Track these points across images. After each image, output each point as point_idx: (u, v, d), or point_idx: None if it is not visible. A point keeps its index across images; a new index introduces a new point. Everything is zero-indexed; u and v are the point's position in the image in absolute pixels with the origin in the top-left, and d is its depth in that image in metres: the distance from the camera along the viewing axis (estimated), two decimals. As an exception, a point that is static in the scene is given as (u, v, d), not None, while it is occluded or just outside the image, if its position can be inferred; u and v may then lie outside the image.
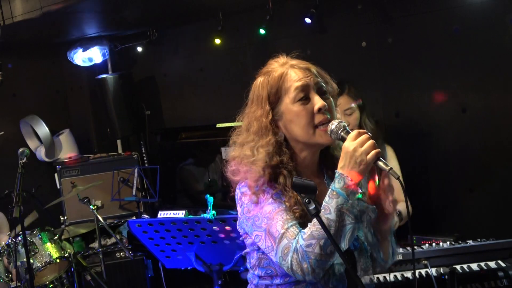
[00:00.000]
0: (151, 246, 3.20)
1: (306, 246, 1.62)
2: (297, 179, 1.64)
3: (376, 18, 4.14)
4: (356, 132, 1.70)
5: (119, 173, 5.18)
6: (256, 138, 1.81)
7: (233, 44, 4.96)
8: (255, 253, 1.84)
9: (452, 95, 3.81)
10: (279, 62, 1.89)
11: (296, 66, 1.86)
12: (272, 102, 1.82)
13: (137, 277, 4.68)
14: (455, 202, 3.92)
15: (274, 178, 1.77)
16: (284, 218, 1.70)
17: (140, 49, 5.64)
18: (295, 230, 1.68)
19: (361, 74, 4.27)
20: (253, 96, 1.87)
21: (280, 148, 1.80)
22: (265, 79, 1.85)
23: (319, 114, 1.77)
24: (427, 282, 2.53)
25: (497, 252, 2.61)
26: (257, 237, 1.75)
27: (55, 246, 4.05)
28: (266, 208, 1.73)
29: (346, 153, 1.67)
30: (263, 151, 1.78)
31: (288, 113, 1.79)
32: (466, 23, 3.64)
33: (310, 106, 1.78)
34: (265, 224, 1.71)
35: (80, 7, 4.05)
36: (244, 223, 1.81)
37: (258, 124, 1.81)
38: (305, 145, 1.83)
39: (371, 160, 1.65)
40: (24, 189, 3.45)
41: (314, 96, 1.80)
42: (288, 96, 1.80)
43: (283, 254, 1.66)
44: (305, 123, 1.77)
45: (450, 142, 3.88)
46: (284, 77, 1.82)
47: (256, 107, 1.84)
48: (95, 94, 5.79)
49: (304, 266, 1.62)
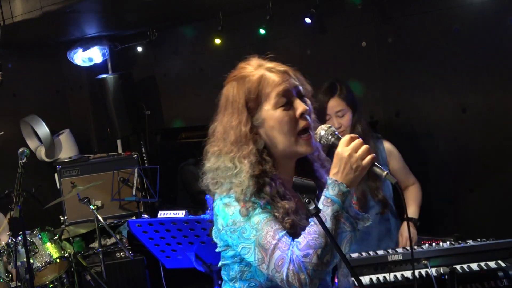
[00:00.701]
0: (151, 246, 3.20)
1: (303, 257, 1.57)
2: (297, 179, 1.62)
3: (376, 18, 4.14)
4: (349, 137, 1.65)
5: (119, 173, 5.19)
6: (235, 149, 1.72)
7: (233, 44, 4.96)
8: (236, 265, 1.76)
9: (452, 95, 3.81)
10: (252, 65, 1.80)
11: (273, 69, 1.77)
12: (251, 109, 1.73)
13: (137, 277, 4.68)
14: (455, 202, 3.92)
15: (260, 188, 1.69)
16: (274, 228, 1.63)
17: (140, 49, 5.65)
18: (287, 240, 1.62)
19: (361, 74, 4.27)
20: (227, 103, 1.78)
21: (261, 157, 1.72)
22: (241, 84, 1.75)
23: (302, 120, 1.73)
24: (427, 282, 2.52)
25: (497, 252, 2.60)
26: (244, 250, 1.67)
27: (55, 246, 4.05)
28: (254, 219, 1.65)
29: (340, 159, 1.62)
30: (246, 162, 1.69)
31: (270, 119, 1.72)
32: (466, 23, 3.64)
33: (292, 111, 1.73)
34: (254, 236, 1.64)
35: (80, 7, 4.05)
36: (228, 235, 1.71)
37: (236, 133, 1.72)
38: (285, 153, 1.76)
39: (367, 165, 1.61)
40: (24, 189, 3.45)
41: (295, 101, 1.74)
42: (269, 102, 1.72)
43: (277, 266, 1.59)
44: (288, 129, 1.72)
45: (450, 142, 3.88)
46: (263, 82, 1.73)
47: (231, 115, 1.75)
48: (95, 94, 5.80)
49: (302, 277, 1.56)
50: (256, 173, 1.68)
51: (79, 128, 6.04)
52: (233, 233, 1.68)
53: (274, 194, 1.69)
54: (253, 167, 1.69)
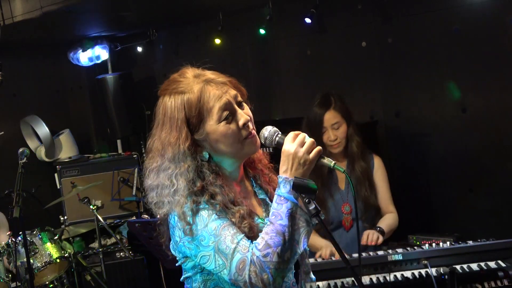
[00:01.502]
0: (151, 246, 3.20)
1: (263, 256, 1.56)
2: (297, 179, 1.62)
3: (376, 18, 4.14)
4: (293, 134, 1.67)
5: (119, 173, 5.19)
6: (173, 166, 1.68)
7: (233, 44, 4.96)
8: (198, 275, 1.72)
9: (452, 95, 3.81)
10: (188, 77, 1.76)
11: (211, 81, 1.73)
12: (193, 124, 1.70)
13: (137, 277, 4.68)
14: (455, 202, 3.92)
15: (211, 197, 1.66)
16: (232, 232, 1.61)
17: (140, 49, 5.64)
18: (246, 242, 1.60)
19: (361, 74, 4.27)
20: (164, 118, 1.72)
21: (201, 171, 1.69)
22: (180, 99, 1.71)
23: (244, 130, 1.71)
24: (427, 282, 2.53)
25: (497, 252, 2.61)
26: (204, 258, 1.64)
27: (55, 246, 4.05)
28: (211, 225, 1.62)
29: (287, 156, 1.64)
30: (183, 179, 1.66)
31: (213, 133, 1.70)
32: (466, 23, 3.64)
33: (234, 123, 1.71)
34: (212, 242, 1.61)
35: (80, 7, 4.05)
36: (186, 246, 1.67)
37: (174, 150, 1.68)
38: (234, 160, 1.76)
39: (314, 158, 1.64)
40: (24, 189, 3.45)
41: (236, 111, 1.72)
42: (211, 118, 1.69)
43: (238, 269, 1.58)
44: (232, 141, 1.70)
45: (450, 142, 3.88)
46: (204, 97, 1.70)
47: (170, 131, 1.70)
48: (95, 94, 5.80)
49: (265, 277, 1.55)
50: (196, 189, 1.66)
51: (79, 128, 6.04)
52: (191, 243, 1.65)
53: (226, 201, 1.67)
54: (192, 183, 1.67)
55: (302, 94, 4.62)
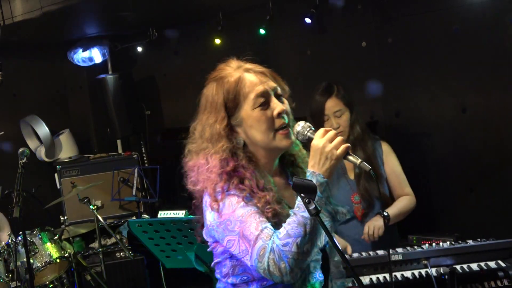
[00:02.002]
0: (151, 246, 3.20)
1: (282, 246, 1.60)
2: (297, 179, 1.64)
3: (376, 18, 4.14)
4: (323, 130, 1.72)
5: (119, 173, 5.19)
6: (209, 145, 1.79)
7: (233, 44, 4.96)
8: (227, 261, 1.80)
9: (452, 95, 3.81)
10: (232, 66, 1.87)
11: (251, 70, 1.84)
12: (230, 108, 1.80)
13: (137, 277, 4.68)
14: (455, 202, 3.92)
15: (240, 181, 1.74)
16: (258, 220, 1.67)
17: (140, 49, 5.64)
18: (270, 231, 1.66)
19: (361, 74, 4.27)
20: (206, 103, 1.84)
21: (235, 153, 1.78)
22: (220, 85, 1.82)
23: (279, 119, 1.78)
24: (427, 282, 2.53)
25: (497, 252, 2.61)
26: (230, 242, 1.71)
27: (55, 246, 4.05)
28: (238, 211, 1.69)
29: (315, 150, 1.69)
30: (216, 157, 1.76)
31: (248, 118, 1.79)
32: (466, 23, 3.64)
33: (270, 111, 1.78)
34: (238, 228, 1.68)
35: (80, 7, 4.05)
36: (215, 229, 1.76)
37: (211, 131, 1.79)
38: (265, 150, 1.82)
39: (341, 155, 1.68)
40: (24, 189, 3.45)
41: (273, 101, 1.80)
42: (247, 102, 1.78)
43: (259, 256, 1.63)
44: (265, 128, 1.77)
45: (450, 142, 3.88)
46: (242, 82, 1.80)
47: (209, 114, 1.82)
48: (95, 94, 5.79)
49: (282, 266, 1.60)
50: (227, 169, 1.74)
51: (79, 128, 6.03)
52: (219, 227, 1.73)
53: (254, 186, 1.73)
54: (225, 162, 1.75)
55: (302, 94, 4.60)
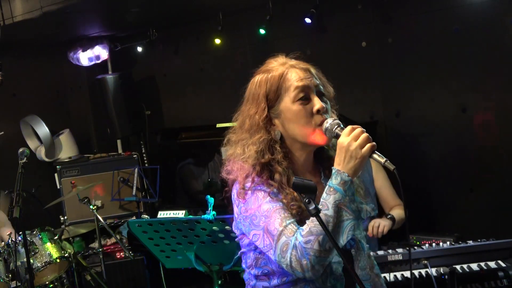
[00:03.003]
0: (151, 246, 3.20)
1: (305, 243, 1.61)
2: (297, 179, 1.64)
3: (376, 18, 4.14)
4: (350, 127, 1.70)
5: (119, 173, 5.19)
6: (248, 136, 1.80)
7: (233, 44, 4.96)
8: (251, 253, 1.82)
9: (452, 95, 3.81)
10: (278, 61, 1.87)
11: (296, 66, 1.85)
12: (271, 100, 1.80)
13: (137, 277, 4.68)
14: (455, 202, 3.92)
15: (270, 176, 1.75)
16: (282, 216, 1.68)
17: (140, 49, 5.65)
18: (293, 227, 1.67)
19: (361, 74, 4.27)
20: (249, 94, 1.86)
21: (272, 146, 1.78)
22: (264, 77, 1.83)
23: (318, 115, 1.77)
24: (427, 282, 2.53)
25: (497, 252, 2.61)
26: (255, 236, 1.73)
27: (55, 246, 4.05)
28: (264, 206, 1.71)
29: (341, 148, 1.68)
30: (253, 148, 1.77)
31: (287, 111, 1.78)
32: (466, 23, 3.64)
33: (310, 106, 1.78)
34: (263, 223, 1.70)
35: (80, 7, 4.05)
36: (242, 223, 1.79)
37: (250, 122, 1.80)
38: (302, 145, 1.82)
39: (367, 154, 1.66)
40: (24, 189, 3.45)
41: (313, 97, 1.79)
42: (288, 95, 1.78)
43: (282, 252, 1.65)
44: (304, 122, 1.77)
45: (450, 142, 3.88)
46: (285, 76, 1.80)
47: (251, 105, 1.83)
48: (95, 94, 5.79)
49: (304, 262, 1.61)
50: (262, 161, 1.75)
51: (79, 128, 6.03)
52: (245, 220, 1.76)
53: (284, 182, 1.74)
54: (261, 154, 1.76)
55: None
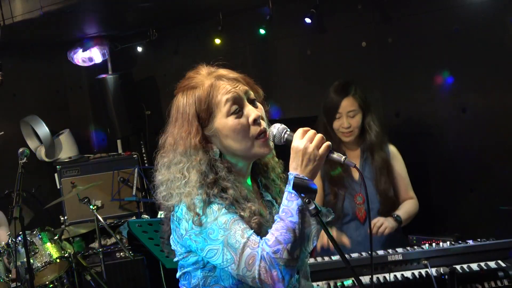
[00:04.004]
0: (151, 246, 3.20)
1: (273, 253, 1.55)
2: (297, 179, 1.62)
3: (376, 18, 4.14)
4: (302, 130, 1.67)
5: (119, 173, 5.19)
6: (184, 159, 1.69)
7: (233, 44, 4.96)
8: (198, 271, 1.71)
9: (452, 95, 3.81)
10: (201, 73, 1.78)
11: (223, 77, 1.75)
12: (203, 119, 1.71)
13: (137, 277, 4.68)
14: (455, 202, 3.92)
15: (222, 190, 1.67)
16: (242, 227, 1.61)
17: (140, 49, 5.65)
18: (256, 238, 1.60)
19: (361, 74, 4.27)
20: (177, 115, 1.75)
21: (214, 165, 1.70)
22: (191, 95, 1.72)
23: (255, 126, 1.71)
24: (427, 282, 2.53)
25: (497, 252, 2.61)
26: (211, 252, 1.62)
27: (55, 246, 4.05)
28: (221, 219, 1.62)
29: (296, 152, 1.64)
30: (195, 171, 1.67)
31: (223, 128, 1.70)
32: (466, 23, 3.64)
33: (244, 119, 1.70)
34: (221, 236, 1.60)
35: (80, 7, 4.05)
36: (192, 239, 1.65)
37: (186, 144, 1.70)
38: (242, 158, 1.76)
39: (324, 154, 1.63)
40: (24, 189, 3.45)
41: (246, 107, 1.72)
42: (220, 111, 1.70)
43: (247, 265, 1.57)
44: (242, 136, 1.70)
45: (450, 142, 3.88)
46: (213, 91, 1.71)
47: (181, 126, 1.72)
48: (95, 94, 5.80)
49: (274, 273, 1.54)
50: (208, 181, 1.66)
51: (79, 128, 6.04)
52: (198, 236, 1.64)
53: (238, 197, 1.67)
54: (205, 175, 1.67)
55: (302, 94, 4.63)
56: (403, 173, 3.23)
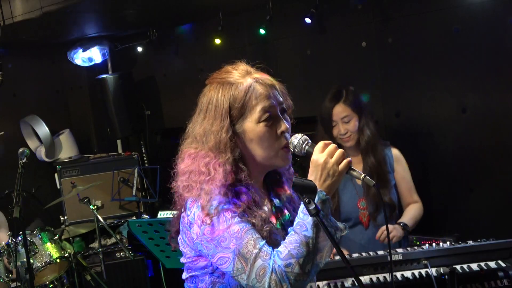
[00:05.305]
0: (151, 246, 3.20)
1: (285, 266, 1.54)
2: (297, 179, 1.61)
3: (376, 18, 4.14)
4: (322, 143, 1.66)
5: (119, 173, 5.19)
6: (212, 154, 1.68)
7: (233, 44, 4.96)
8: (207, 276, 1.70)
9: (452, 95, 3.81)
10: (239, 71, 1.76)
11: (261, 81, 1.74)
12: (234, 116, 1.70)
13: (137, 277, 4.68)
14: (455, 202, 3.92)
15: (236, 196, 1.66)
16: (255, 237, 1.59)
17: (140, 49, 5.64)
18: (268, 249, 1.59)
19: (361, 74, 4.27)
20: (208, 104, 1.73)
21: (237, 166, 1.69)
22: (228, 90, 1.70)
23: (282, 137, 1.71)
24: (427, 282, 2.53)
25: (497, 252, 2.61)
26: (222, 259, 1.61)
27: (55, 246, 4.05)
28: (234, 227, 1.60)
29: (316, 166, 1.62)
30: (221, 170, 1.65)
31: (251, 132, 1.70)
32: (466, 23, 3.64)
33: (274, 128, 1.71)
34: (233, 245, 1.59)
35: (80, 7, 4.05)
36: (204, 245, 1.64)
37: (216, 139, 1.68)
38: (261, 166, 1.75)
39: (344, 170, 1.62)
40: (24, 189, 3.45)
41: (278, 118, 1.72)
42: (252, 115, 1.69)
43: (258, 276, 1.55)
44: (268, 145, 1.70)
45: (450, 142, 3.88)
46: (251, 93, 1.70)
47: (213, 119, 1.70)
48: (95, 94, 5.80)
49: (284, 287, 1.53)
50: (228, 182, 1.65)
51: (79, 128, 6.04)
52: (210, 242, 1.63)
53: (251, 203, 1.67)
54: (227, 176, 1.66)
55: (302, 94, 4.62)
56: (407, 176, 3.23)
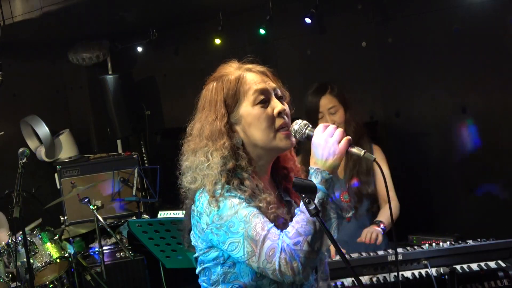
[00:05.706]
0: (151, 246, 3.20)
1: (294, 244, 1.56)
2: (297, 179, 1.62)
3: (376, 18, 4.14)
4: (322, 125, 1.70)
5: (119, 173, 5.19)
6: (210, 143, 1.73)
7: (233, 44, 4.96)
8: (219, 267, 1.72)
9: (452, 95, 3.81)
10: (232, 66, 1.84)
11: (252, 69, 1.82)
12: (229, 105, 1.75)
13: (137, 277, 4.68)
14: (455, 202, 3.92)
15: (241, 182, 1.69)
16: (262, 220, 1.62)
17: (140, 49, 5.65)
18: (276, 230, 1.62)
19: (361, 74, 4.27)
20: (205, 101, 1.79)
21: (236, 152, 1.73)
22: (220, 83, 1.78)
23: (279, 118, 1.75)
24: (427, 282, 2.53)
25: (497, 252, 2.61)
26: (232, 245, 1.64)
27: (55, 246, 4.05)
28: (241, 212, 1.63)
29: (317, 147, 1.67)
30: (217, 154, 1.70)
31: (247, 116, 1.74)
32: (466, 23, 3.64)
33: (270, 109, 1.74)
34: (242, 229, 1.61)
35: (80, 7, 4.05)
36: (214, 233, 1.67)
37: (211, 128, 1.74)
38: (263, 150, 1.77)
39: (344, 148, 1.66)
40: (24, 189, 3.45)
41: (273, 100, 1.76)
42: (247, 99, 1.75)
43: (268, 257, 1.58)
44: (266, 126, 1.73)
45: (450, 142, 3.88)
46: (242, 80, 1.77)
47: (208, 112, 1.77)
48: (95, 94, 5.80)
49: (294, 265, 1.55)
50: (228, 167, 1.69)
51: (79, 128, 6.04)
52: (219, 229, 1.65)
53: (255, 187, 1.70)
54: (226, 160, 1.70)
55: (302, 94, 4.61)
56: (386, 173, 3.21)
